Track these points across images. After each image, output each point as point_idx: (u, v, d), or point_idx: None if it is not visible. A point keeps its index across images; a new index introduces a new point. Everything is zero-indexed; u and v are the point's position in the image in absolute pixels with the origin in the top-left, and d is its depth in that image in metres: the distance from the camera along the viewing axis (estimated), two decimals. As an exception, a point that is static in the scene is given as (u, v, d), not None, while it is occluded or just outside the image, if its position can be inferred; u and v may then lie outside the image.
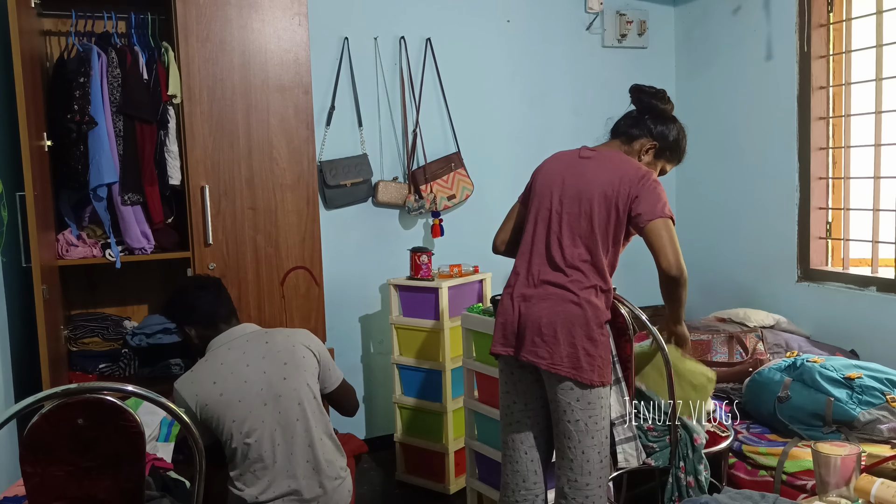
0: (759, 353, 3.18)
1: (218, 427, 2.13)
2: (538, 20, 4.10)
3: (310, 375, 2.24)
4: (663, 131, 2.32)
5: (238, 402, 2.13)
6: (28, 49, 2.46)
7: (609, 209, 2.15)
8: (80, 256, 2.87)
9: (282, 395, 2.17)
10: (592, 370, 2.09)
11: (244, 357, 2.20)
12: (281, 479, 2.14)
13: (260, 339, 2.27)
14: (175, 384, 2.18)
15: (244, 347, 2.23)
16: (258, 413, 2.14)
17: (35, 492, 1.59)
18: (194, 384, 2.15)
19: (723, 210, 4.13)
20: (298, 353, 2.24)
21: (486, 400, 2.97)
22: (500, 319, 2.26)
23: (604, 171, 2.19)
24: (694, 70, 4.30)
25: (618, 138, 2.34)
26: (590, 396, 2.11)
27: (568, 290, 2.13)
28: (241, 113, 2.98)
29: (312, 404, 2.21)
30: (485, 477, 3.06)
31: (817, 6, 3.49)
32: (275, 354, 2.21)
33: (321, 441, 2.21)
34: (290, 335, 2.31)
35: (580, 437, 2.13)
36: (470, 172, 3.91)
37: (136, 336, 3.04)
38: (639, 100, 2.36)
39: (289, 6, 3.03)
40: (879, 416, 2.57)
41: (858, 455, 1.49)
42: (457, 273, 3.49)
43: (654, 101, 2.33)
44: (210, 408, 2.12)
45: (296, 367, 2.21)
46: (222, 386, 2.14)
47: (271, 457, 2.14)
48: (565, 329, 2.11)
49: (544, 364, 2.12)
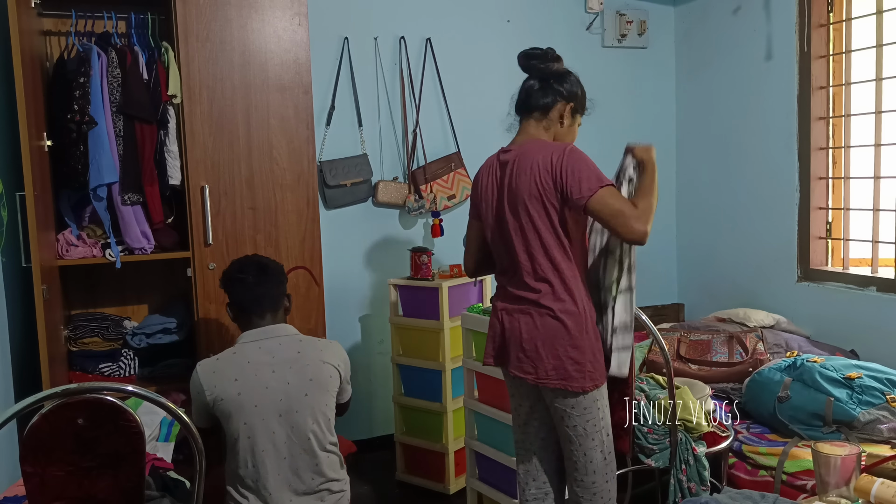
0: (759, 353, 3.19)
1: (227, 423, 2.12)
2: (538, 20, 4.10)
3: (331, 396, 2.22)
4: (570, 88, 2.21)
5: (254, 407, 2.11)
6: (28, 49, 2.46)
7: (545, 208, 2.05)
8: (80, 256, 2.87)
9: (299, 410, 2.14)
10: (583, 377, 2.06)
11: (272, 361, 2.16)
12: (282, 493, 2.13)
13: (292, 347, 2.22)
14: (198, 365, 2.14)
15: (274, 351, 2.18)
16: (271, 423, 2.12)
17: (35, 492, 1.59)
18: (216, 374, 2.12)
19: (723, 210, 4.13)
20: (326, 372, 2.20)
21: (486, 400, 2.97)
22: (489, 332, 2.25)
23: (522, 172, 2.08)
24: (694, 70, 4.30)
25: (531, 116, 2.20)
26: (584, 402, 2.10)
27: (541, 306, 2.08)
28: (241, 113, 2.98)
29: (326, 424, 2.20)
30: (485, 477, 3.06)
31: (817, 6, 3.49)
32: (303, 367, 2.17)
33: (327, 458, 2.20)
34: (323, 350, 2.25)
35: (580, 441, 2.13)
36: (470, 172, 3.91)
37: (136, 336, 3.04)
38: (533, 67, 2.21)
39: (289, 6, 3.03)
40: (879, 416, 2.57)
41: (858, 455, 1.49)
42: (457, 273, 3.48)
43: (549, 64, 2.19)
44: (225, 403, 2.10)
45: (320, 385, 2.18)
46: (242, 385, 2.11)
47: (275, 469, 2.12)
48: (547, 343, 2.07)
49: (531, 379, 2.11)
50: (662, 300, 4.38)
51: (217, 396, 2.10)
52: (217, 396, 2.10)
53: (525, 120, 2.23)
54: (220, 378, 2.12)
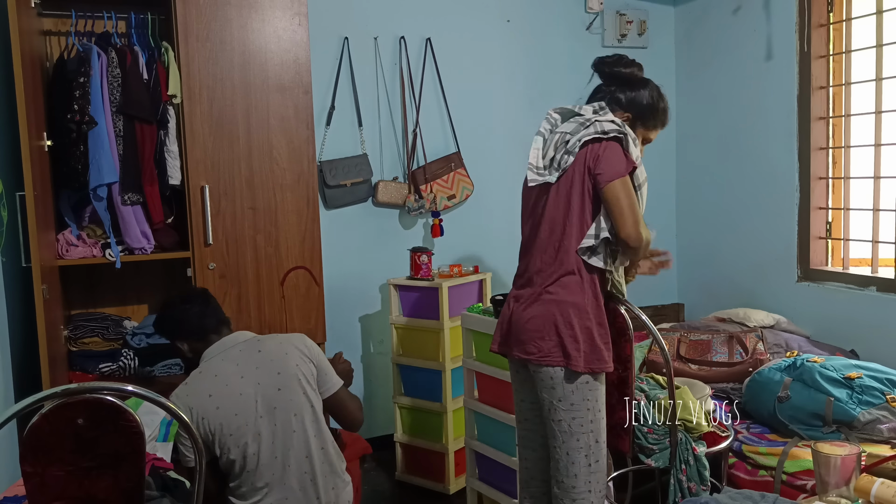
0: (759, 353, 3.19)
1: (215, 440, 2.10)
2: (538, 20, 4.10)
3: (306, 383, 2.18)
4: (634, 97, 2.19)
5: (234, 416, 2.10)
6: (28, 49, 2.46)
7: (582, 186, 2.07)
8: (80, 256, 2.87)
9: (277, 406, 2.13)
10: (578, 354, 2.04)
11: (238, 368, 2.16)
12: (277, 492, 2.13)
13: (253, 348, 2.21)
14: (171, 397, 2.12)
15: (237, 358, 2.18)
16: (254, 426, 2.11)
17: (35, 492, 1.59)
18: (190, 397, 2.11)
19: (723, 210, 4.13)
20: (291, 362, 2.18)
21: (487, 400, 2.97)
22: (499, 319, 2.27)
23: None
24: (694, 70, 4.30)
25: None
26: (573, 397, 2.07)
27: (546, 291, 2.10)
28: (241, 113, 2.98)
29: (310, 414, 2.17)
30: (485, 477, 3.06)
31: (817, 6, 3.49)
32: (267, 364, 2.17)
33: (320, 451, 2.18)
34: (283, 342, 2.24)
35: (564, 439, 2.09)
36: (470, 172, 3.91)
37: (136, 336, 3.04)
38: (601, 72, 2.22)
39: (289, 6, 3.03)
40: (879, 416, 2.57)
41: (858, 455, 1.49)
42: (457, 273, 3.49)
43: (616, 69, 2.19)
44: (207, 421, 2.09)
45: (290, 376, 2.16)
46: (218, 399, 2.10)
47: (268, 469, 2.12)
48: (548, 325, 2.08)
49: (534, 358, 2.10)
50: (662, 300, 4.38)
51: (199, 416, 2.09)
52: (199, 416, 2.09)
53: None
54: (195, 399, 2.11)
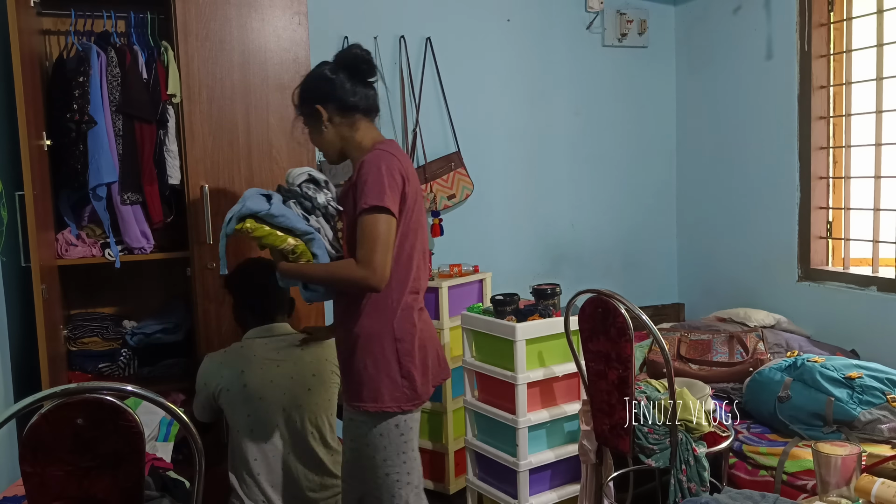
0: (760, 352, 3.18)
1: (231, 415, 2.13)
2: (538, 20, 4.10)
3: (333, 393, 2.25)
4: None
5: (259, 400, 2.14)
6: (27, 48, 2.46)
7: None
8: (80, 256, 2.87)
9: (302, 405, 2.17)
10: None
11: (277, 357, 2.21)
12: (283, 487, 2.14)
13: (295, 343, 2.27)
14: (206, 357, 2.21)
15: (279, 348, 2.23)
16: (274, 418, 2.14)
17: (35, 492, 1.58)
18: (223, 365, 2.16)
19: (723, 210, 4.13)
20: (328, 369, 2.24)
21: (486, 400, 2.97)
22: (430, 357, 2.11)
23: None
24: (694, 70, 4.30)
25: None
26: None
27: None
28: (241, 112, 2.97)
29: (330, 421, 2.22)
30: (485, 477, 3.06)
31: (818, 5, 3.48)
32: (306, 364, 2.22)
33: (330, 456, 2.22)
34: (325, 348, 2.30)
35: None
36: (470, 172, 3.90)
37: (135, 336, 3.03)
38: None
39: (288, 5, 3.02)
40: (880, 416, 2.57)
41: (859, 455, 1.49)
42: (457, 273, 3.48)
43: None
44: (231, 394, 2.12)
45: (322, 382, 2.22)
46: (248, 377, 2.14)
47: (277, 462, 2.13)
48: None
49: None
50: (662, 300, 4.38)
51: (223, 387, 2.12)
52: (223, 387, 2.12)
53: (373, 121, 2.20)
54: (228, 369, 2.16)
